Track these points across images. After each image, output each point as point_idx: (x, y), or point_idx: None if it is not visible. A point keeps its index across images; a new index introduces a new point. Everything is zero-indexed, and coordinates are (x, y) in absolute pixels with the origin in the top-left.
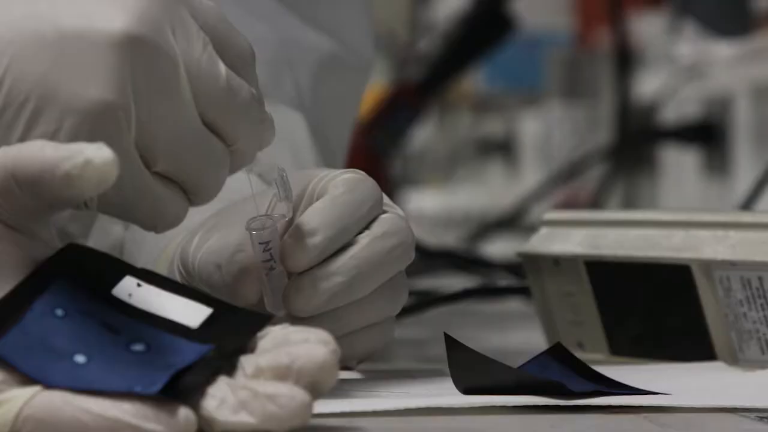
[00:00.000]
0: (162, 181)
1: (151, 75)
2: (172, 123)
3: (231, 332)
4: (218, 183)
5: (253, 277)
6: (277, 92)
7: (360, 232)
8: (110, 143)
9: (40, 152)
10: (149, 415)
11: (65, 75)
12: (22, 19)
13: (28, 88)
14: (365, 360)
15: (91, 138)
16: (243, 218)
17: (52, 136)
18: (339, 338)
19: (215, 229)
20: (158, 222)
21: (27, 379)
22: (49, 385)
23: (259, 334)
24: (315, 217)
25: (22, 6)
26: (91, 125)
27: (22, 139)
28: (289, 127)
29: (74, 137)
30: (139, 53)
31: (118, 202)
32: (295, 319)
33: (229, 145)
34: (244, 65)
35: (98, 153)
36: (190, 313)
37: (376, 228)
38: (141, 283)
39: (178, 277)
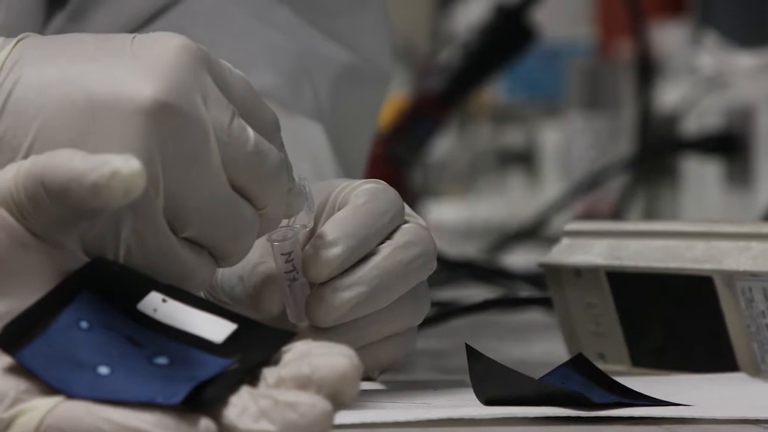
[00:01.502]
0: (189, 247)
1: (180, 142)
2: (201, 190)
3: (254, 348)
4: (247, 247)
5: (276, 289)
6: (297, 103)
7: (382, 242)
8: (137, 210)
9: (69, 161)
10: (170, 425)
11: (93, 142)
12: (54, 84)
13: None
14: (387, 370)
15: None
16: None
17: None
18: (361, 348)
19: None
20: (184, 286)
21: (49, 389)
22: (71, 396)
23: (283, 349)
24: (336, 227)
25: (54, 70)
26: None
27: None
28: (309, 138)
29: None
30: (168, 121)
31: (144, 266)
32: (318, 330)
33: (258, 209)
34: (271, 133)
35: (126, 164)
36: (215, 329)
37: (398, 238)
38: (166, 298)
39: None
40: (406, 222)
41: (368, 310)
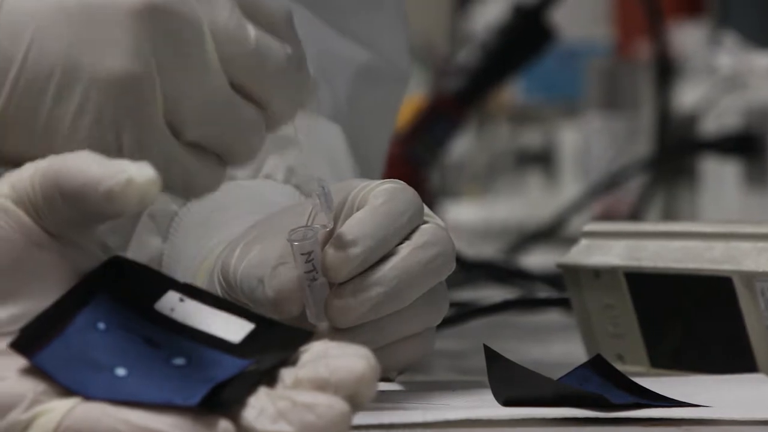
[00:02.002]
0: (193, 150)
1: (174, 43)
2: (199, 91)
3: (272, 348)
4: (253, 147)
5: (296, 289)
6: (315, 104)
7: (400, 242)
8: (136, 114)
9: (84, 166)
10: (188, 427)
11: (87, 47)
12: None
13: (52, 62)
14: (405, 371)
15: (117, 110)
16: (283, 230)
17: (80, 110)
18: (380, 349)
19: (256, 241)
20: (190, 190)
21: (67, 390)
22: (89, 397)
23: (301, 349)
24: (355, 228)
25: None
26: (116, 97)
27: (51, 113)
28: (327, 138)
29: (101, 110)
30: (161, 21)
31: None
32: (337, 330)
33: (263, 108)
34: (280, 27)
35: (141, 172)
36: (232, 329)
37: (417, 238)
38: (184, 297)
39: (218, 291)
40: (425, 222)
41: (388, 311)
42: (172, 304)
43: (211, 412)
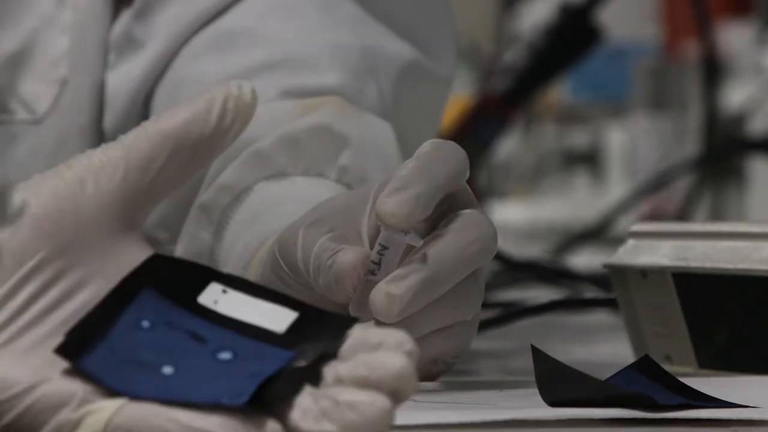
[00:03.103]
0: None
1: None
2: None
3: (317, 336)
4: None
5: (356, 269)
6: (362, 101)
7: (442, 227)
8: None
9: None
10: (236, 427)
11: None
12: None
13: None
14: (444, 371)
15: None
16: (357, 218)
17: None
18: (420, 339)
19: (322, 223)
20: None
21: (114, 390)
22: (136, 397)
23: (344, 336)
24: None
25: None
26: None
27: None
28: (378, 136)
29: None
30: None
31: None
32: (379, 324)
33: None
34: None
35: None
36: (276, 318)
37: (458, 221)
38: (226, 289)
39: (273, 278)
40: (465, 207)
41: (430, 298)
42: (215, 296)
43: (259, 411)
